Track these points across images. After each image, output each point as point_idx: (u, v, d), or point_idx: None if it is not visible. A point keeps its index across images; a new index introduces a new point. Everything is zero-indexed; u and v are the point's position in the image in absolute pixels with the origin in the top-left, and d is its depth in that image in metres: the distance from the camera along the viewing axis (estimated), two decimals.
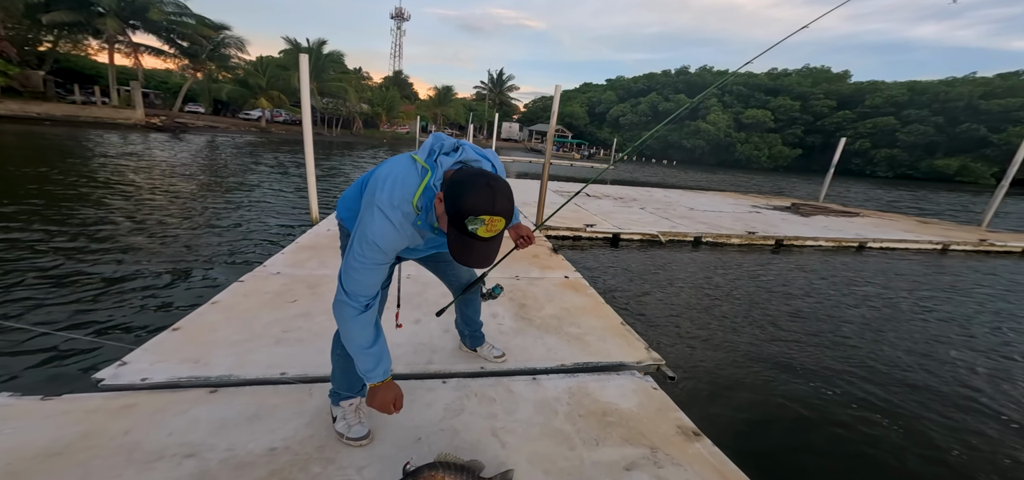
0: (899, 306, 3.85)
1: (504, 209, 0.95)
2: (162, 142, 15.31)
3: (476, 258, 0.98)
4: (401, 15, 78.33)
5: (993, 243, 6.54)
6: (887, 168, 40.97)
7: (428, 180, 1.05)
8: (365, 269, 1.07)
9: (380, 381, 1.16)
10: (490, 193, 0.93)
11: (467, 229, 0.93)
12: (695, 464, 1.44)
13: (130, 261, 3.49)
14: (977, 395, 2.43)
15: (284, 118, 36.22)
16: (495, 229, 0.95)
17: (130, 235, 4.21)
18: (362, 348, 1.13)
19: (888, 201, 15.83)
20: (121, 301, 2.76)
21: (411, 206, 1.05)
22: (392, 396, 1.18)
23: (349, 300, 1.08)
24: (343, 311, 1.10)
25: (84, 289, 2.88)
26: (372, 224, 1.04)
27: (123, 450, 1.19)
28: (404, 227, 1.06)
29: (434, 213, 1.07)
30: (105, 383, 1.56)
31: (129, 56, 24.18)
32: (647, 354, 2.15)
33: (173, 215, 5.17)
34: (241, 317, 2.13)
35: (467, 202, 0.92)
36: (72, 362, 2.06)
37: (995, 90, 37.41)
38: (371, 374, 1.15)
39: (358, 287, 1.08)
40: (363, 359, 1.14)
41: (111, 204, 5.43)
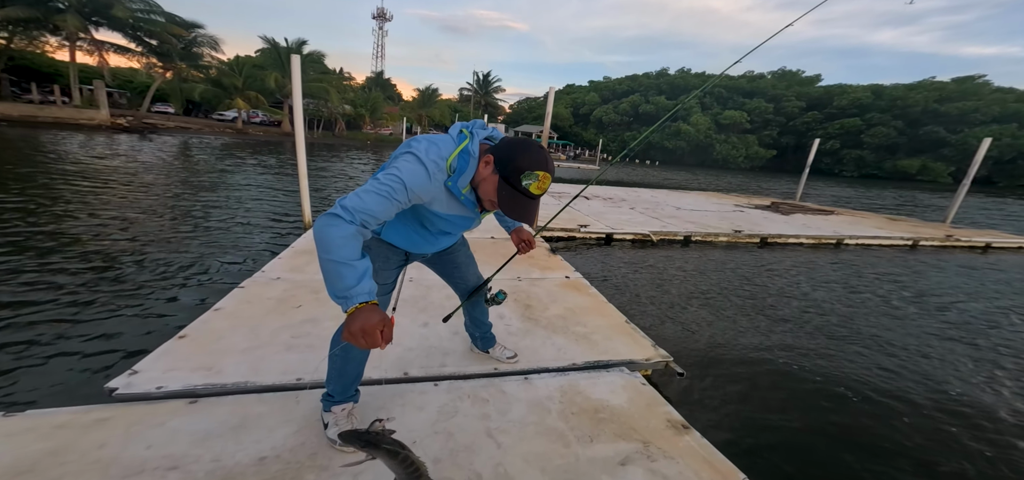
0: (882, 299, 4.04)
1: (553, 170, 1.06)
2: (131, 144, 14.59)
3: (527, 213, 1.06)
4: (383, 16, 77.33)
5: (958, 238, 6.94)
6: (854, 168, 43.00)
7: (465, 146, 1.10)
8: (378, 195, 0.99)
9: (364, 302, 0.95)
10: (543, 153, 1.05)
11: (521, 184, 1.03)
12: (686, 456, 1.47)
13: (114, 268, 3.33)
14: (971, 389, 2.56)
15: (261, 119, 35.11)
16: (544, 187, 1.05)
17: (111, 240, 4.00)
18: (348, 258, 0.94)
19: (860, 199, 16.61)
20: (114, 308, 2.64)
21: (445, 163, 1.08)
22: (378, 320, 0.93)
23: (342, 213, 0.96)
24: (330, 220, 0.95)
25: (73, 296, 2.74)
26: (405, 164, 1.03)
27: (98, 466, 1.12)
28: (436, 178, 1.07)
29: (468, 177, 1.10)
30: (119, 393, 1.50)
31: (92, 54, 22.94)
32: (654, 351, 2.18)
33: (154, 220, 4.93)
34: (247, 324, 2.07)
35: (523, 160, 1.02)
36: (74, 373, 1.97)
37: (951, 95, 39.83)
38: (354, 290, 0.94)
39: (360, 206, 0.97)
40: (346, 272, 0.93)
41: (81, 208, 5.14)
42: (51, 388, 1.84)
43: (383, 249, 1.34)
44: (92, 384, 1.87)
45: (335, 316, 2.26)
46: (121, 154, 11.35)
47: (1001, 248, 7.02)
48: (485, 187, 1.10)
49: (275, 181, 9.18)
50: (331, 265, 0.94)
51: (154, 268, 3.41)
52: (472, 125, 1.15)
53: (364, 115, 39.08)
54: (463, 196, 1.13)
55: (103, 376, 1.89)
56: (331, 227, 0.95)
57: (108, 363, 2.03)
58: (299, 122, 3.94)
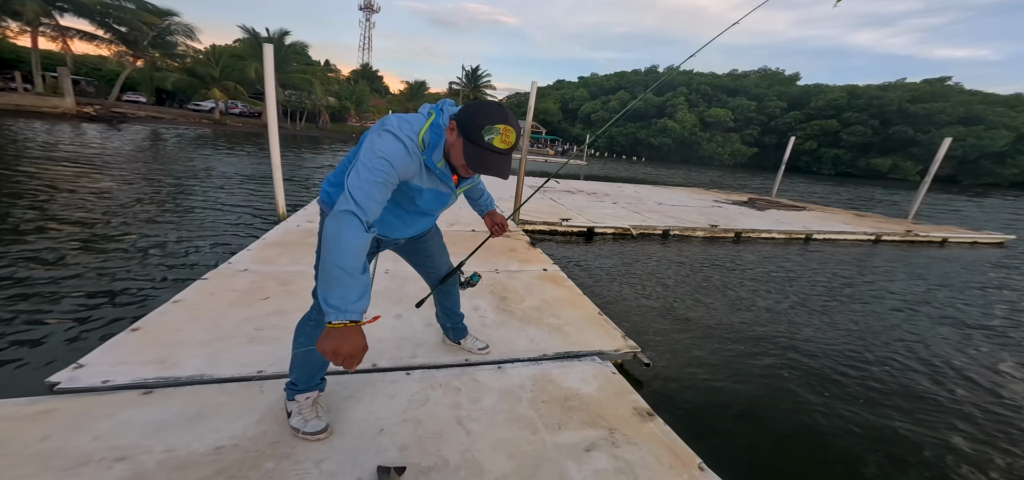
0: (842, 291, 4.21)
1: (515, 124, 1.06)
2: (97, 133, 13.91)
3: (493, 167, 1.06)
4: (370, 7, 75.54)
5: (917, 234, 7.28)
6: (831, 166, 44.50)
7: (433, 119, 1.12)
8: (375, 183, 0.98)
9: (358, 321, 0.95)
10: (502, 109, 1.06)
11: (483, 139, 1.02)
12: (648, 443, 1.50)
13: (70, 260, 3.17)
14: (923, 375, 2.70)
15: (240, 110, 33.97)
16: (508, 140, 1.05)
17: (66, 230, 3.81)
18: (357, 269, 0.93)
19: (832, 196, 17.23)
20: (65, 302, 2.51)
21: (418, 138, 1.09)
22: (364, 345, 0.96)
23: (358, 210, 0.94)
24: (348, 221, 0.93)
25: (21, 289, 2.60)
26: (383, 142, 1.03)
27: (38, 457, 1.08)
28: (413, 152, 1.08)
29: (441, 151, 1.11)
30: (61, 387, 1.43)
31: (56, 41, 21.70)
32: (624, 342, 2.21)
33: (115, 210, 4.72)
34: (208, 316, 2.00)
35: (482, 116, 1.03)
36: (15, 366, 1.87)
37: (922, 95, 41.56)
38: (354, 306, 0.93)
39: (367, 200, 0.96)
40: (352, 285, 0.92)
41: (41, 198, 4.88)
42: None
43: None
44: (35, 379, 1.78)
45: (303, 308, 2.21)
46: (87, 143, 10.82)
47: (957, 243, 7.40)
48: (454, 153, 1.10)
49: (252, 173, 8.91)
50: (339, 272, 0.92)
51: (110, 260, 3.26)
52: (441, 104, 1.16)
53: (350, 108, 38.26)
54: (438, 170, 1.15)
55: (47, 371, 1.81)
56: (349, 231, 0.93)
57: (53, 357, 1.93)
58: (272, 112, 3.83)
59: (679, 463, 1.40)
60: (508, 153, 1.06)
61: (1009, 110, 38.65)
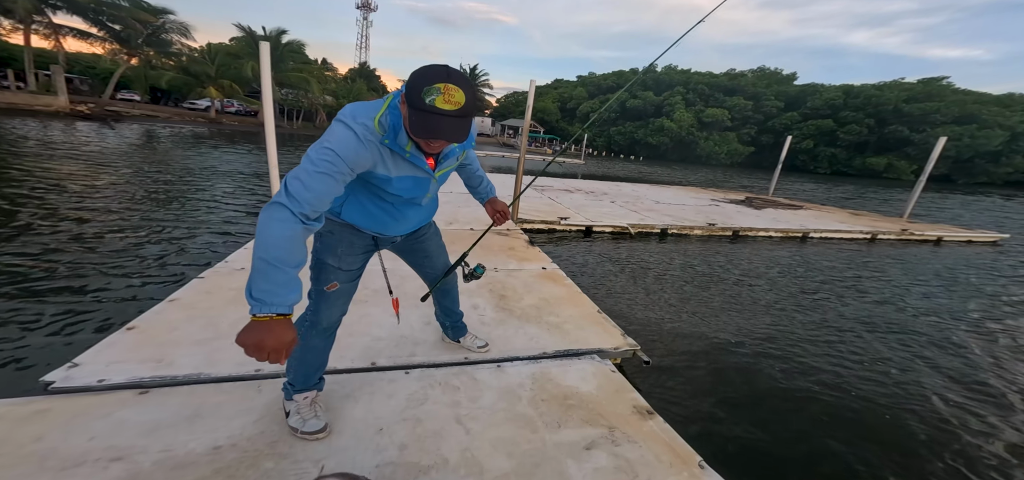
0: (839, 290, 4.23)
1: (460, 82, 0.95)
2: (92, 132, 13.79)
3: (439, 131, 0.95)
4: (368, 5, 75.09)
5: (912, 232, 7.33)
6: (828, 165, 44.71)
7: (391, 101, 1.05)
8: (316, 174, 0.93)
9: (282, 314, 0.88)
10: (445, 68, 0.95)
11: (425, 102, 0.92)
12: (648, 441, 1.50)
13: (64, 259, 3.15)
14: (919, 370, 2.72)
15: (236, 109, 33.76)
16: (453, 99, 0.94)
17: (59, 229, 3.77)
18: (281, 262, 0.87)
19: (836, 197, 17.34)
20: (59, 300, 2.49)
21: (373, 123, 1.02)
22: (291, 339, 0.89)
23: (288, 201, 0.90)
24: (276, 212, 0.89)
25: (14, 286, 2.58)
26: (333, 134, 0.99)
27: (33, 457, 1.06)
28: (368, 141, 1.01)
29: (404, 133, 1.04)
30: (56, 386, 1.41)
31: (49, 38, 21.46)
32: (623, 340, 2.21)
33: (113, 210, 4.68)
34: (204, 315, 1.98)
35: (422, 77, 0.93)
36: (7, 365, 1.85)
37: (917, 95, 41.81)
38: (276, 299, 0.87)
39: (304, 192, 0.92)
40: (276, 276, 0.87)
41: (34, 197, 4.82)
42: None
43: (347, 233, 1.29)
44: (29, 378, 1.77)
45: (301, 306, 2.20)
46: (81, 142, 10.71)
47: (952, 241, 7.46)
48: (408, 126, 1.01)
49: (248, 171, 8.86)
50: (262, 264, 0.86)
51: (105, 259, 3.24)
52: (405, 86, 1.12)
53: None
54: (409, 153, 1.08)
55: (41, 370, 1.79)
56: (276, 223, 0.88)
57: (47, 357, 1.91)
58: (268, 111, 3.80)
59: (679, 461, 1.40)
60: (456, 115, 0.95)
61: (1003, 109, 38.95)
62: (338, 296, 1.33)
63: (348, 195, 1.23)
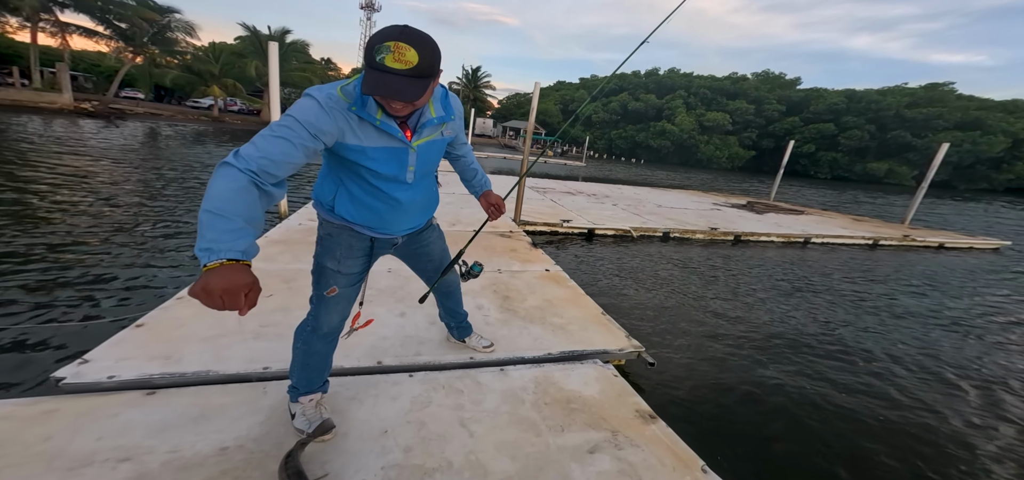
0: (843, 297, 4.23)
1: (414, 40, 0.93)
2: (95, 129, 13.84)
3: (389, 89, 0.93)
4: (371, 6, 75.41)
5: (914, 238, 7.32)
6: (829, 170, 44.69)
7: (360, 74, 1.03)
8: (270, 137, 0.93)
9: (233, 259, 0.82)
10: (401, 28, 0.94)
11: (375, 60, 0.91)
12: (651, 445, 1.50)
13: (71, 255, 3.17)
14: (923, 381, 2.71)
15: (239, 108, 33.87)
16: (404, 59, 0.92)
17: (66, 225, 3.79)
18: (227, 213, 0.83)
19: (833, 201, 17.33)
20: (69, 299, 2.51)
21: (337, 91, 1.03)
22: (246, 282, 0.82)
23: (235, 159, 0.88)
24: (222, 169, 0.87)
25: (24, 279, 2.60)
26: (296, 104, 1.00)
27: (42, 458, 1.07)
28: (331, 108, 1.01)
29: (372, 101, 1.04)
30: (67, 383, 1.42)
31: (55, 36, 21.57)
32: (627, 342, 2.21)
33: (120, 206, 4.70)
34: (211, 312, 1.95)
35: (377, 36, 0.93)
36: (17, 360, 1.86)
37: (919, 100, 41.80)
38: (221, 245, 0.81)
39: (254, 152, 0.90)
40: (218, 223, 0.82)
41: (39, 195, 4.85)
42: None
43: (345, 236, 1.28)
44: (39, 373, 1.78)
45: (306, 305, 2.21)
46: (85, 140, 10.76)
47: (954, 247, 7.45)
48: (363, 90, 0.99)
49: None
50: (207, 217, 0.82)
51: (113, 256, 3.26)
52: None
53: None
54: (379, 121, 1.06)
55: (47, 366, 1.81)
56: (219, 178, 0.86)
57: (59, 356, 1.93)
58: (276, 111, 3.84)
59: (681, 465, 1.40)
60: (409, 75, 0.93)
61: (1007, 115, 38.89)
62: (337, 301, 1.33)
63: (337, 187, 1.21)
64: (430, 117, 1.16)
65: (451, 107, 1.24)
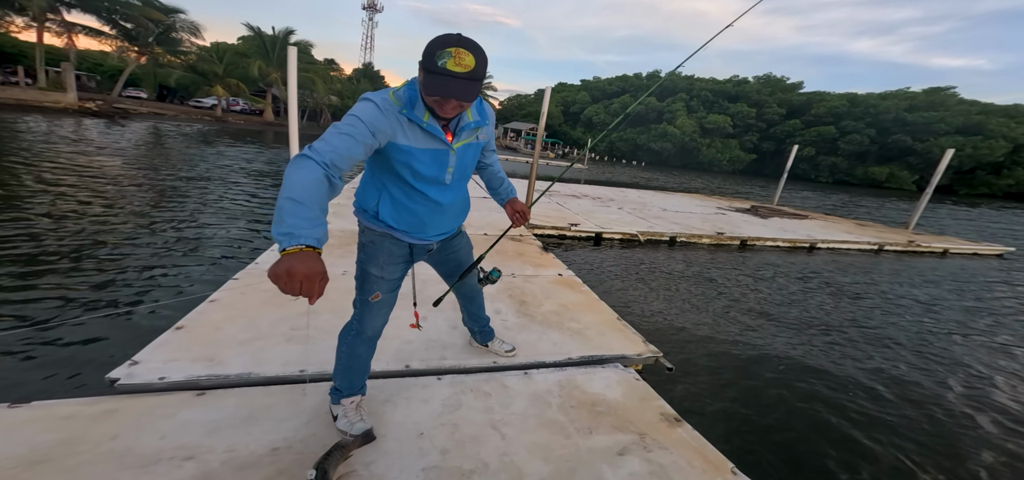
0: (856, 298, 4.28)
1: (471, 47, 1.04)
2: (101, 129, 13.90)
3: (452, 90, 1.03)
4: (373, 6, 75.61)
5: (919, 244, 7.38)
6: (829, 174, 44.76)
7: (408, 81, 1.17)
8: (340, 134, 1.03)
9: (311, 246, 0.89)
10: (458, 36, 1.05)
11: (437, 65, 1.02)
12: (679, 448, 1.56)
13: (106, 260, 3.25)
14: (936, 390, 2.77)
15: (242, 107, 33.99)
16: (463, 63, 1.02)
17: (92, 229, 3.85)
18: (306, 199, 0.91)
19: (831, 205, 17.39)
20: (101, 300, 2.58)
21: (390, 96, 1.13)
22: (321, 270, 0.89)
23: (311, 152, 0.98)
24: (299, 161, 0.96)
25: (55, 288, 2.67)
26: (356, 106, 1.10)
27: (113, 455, 1.13)
28: (387, 110, 1.11)
29: (421, 103, 1.14)
30: (121, 384, 1.48)
31: (61, 36, 21.68)
32: (645, 347, 2.27)
33: (138, 209, 4.77)
34: (244, 315, 2.07)
35: (435, 44, 1.03)
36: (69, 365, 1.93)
37: (919, 103, 41.89)
38: (303, 231, 0.89)
39: (326, 147, 1.00)
40: (300, 211, 0.90)
41: (53, 195, 4.91)
42: (45, 380, 1.81)
43: (387, 243, 1.35)
44: (87, 375, 1.84)
45: (333, 309, 2.27)
46: (93, 140, 10.81)
47: (958, 253, 7.51)
48: (424, 94, 1.10)
49: (261, 170, 8.95)
50: (289, 203, 0.89)
51: (142, 259, 3.33)
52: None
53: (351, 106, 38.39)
54: (425, 123, 1.15)
55: (96, 367, 1.87)
56: (299, 169, 0.94)
57: (100, 355, 2.00)
58: (293, 114, 3.90)
59: (712, 467, 1.46)
60: (467, 78, 1.03)
61: (1009, 120, 38.96)
62: (381, 306, 1.40)
63: (380, 193, 1.28)
64: (468, 121, 1.25)
65: (486, 112, 1.33)
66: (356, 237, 1.44)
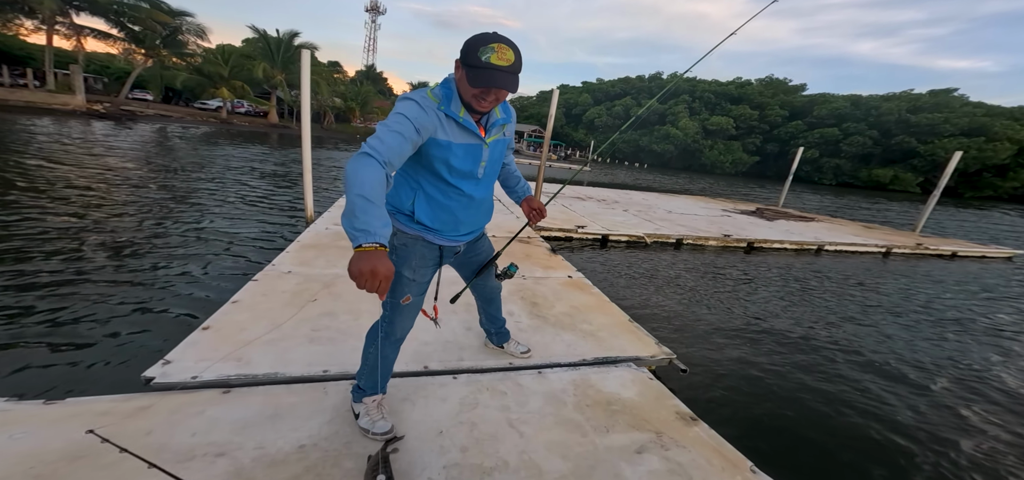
0: (861, 301, 4.28)
1: (510, 43, 1.12)
2: (110, 131, 14.05)
3: (498, 81, 1.11)
4: (376, 9, 76.07)
5: (928, 247, 7.35)
6: (832, 176, 44.56)
7: (442, 80, 1.25)
8: (389, 132, 1.09)
9: (382, 245, 0.98)
10: (494, 33, 1.14)
11: (482, 60, 1.10)
12: (696, 446, 1.57)
13: (129, 260, 3.33)
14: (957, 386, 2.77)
15: (246, 109, 34.24)
16: (505, 57, 1.11)
17: (111, 229, 3.91)
18: (376, 198, 0.99)
19: (835, 207, 17.33)
20: (124, 299, 2.65)
21: (428, 94, 1.20)
22: (391, 268, 0.97)
23: (371, 151, 1.04)
24: (364, 160, 1.02)
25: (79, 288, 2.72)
26: (400, 104, 1.17)
27: (149, 451, 1.16)
28: (427, 107, 1.17)
29: (458, 101, 1.21)
30: (156, 382, 1.52)
31: (70, 39, 21.93)
32: (658, 348, 2.28)
33: (148, 210, 4.83)
34: (266, 316, 2.11)
35: (477, 40, 1.12)
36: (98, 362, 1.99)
37: (923, 105, 41.71)
38: (377, 229, 0.97)
39: (382, 146, 1.06)
40: (373, 211, 0.98)
41: (64, 199, 4.98)
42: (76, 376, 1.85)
43: (419, 246, 1.38)
44: (117, 373, 1.89)
45: (350, 310, 2.30)
46: (109, 144, 10.93)
47: (966, 256, 7.47)
48: (462, 87, 1.18)
49: (271, 171, 9.02)
50: (360, 201, 0.97)
51: (160, 259, 3.39)
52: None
53: (354, 108, 38.56)
54: (462, 118, 1.22)
55: (126, 366, 1.93)
56: (366, 167, 1.02)
57: (132, 354, 2.05)
58: (306, 117, 3.96)
59: (730, 466, 1.47)
60: (509, 71, 1.12)
61: (1014, 122, 38.71)
62: (411, 308, 1.43)
63: (416, 192, 1.31)
64: (497, 118, 1.32)
65: (510, 111, 1.39)
66: None
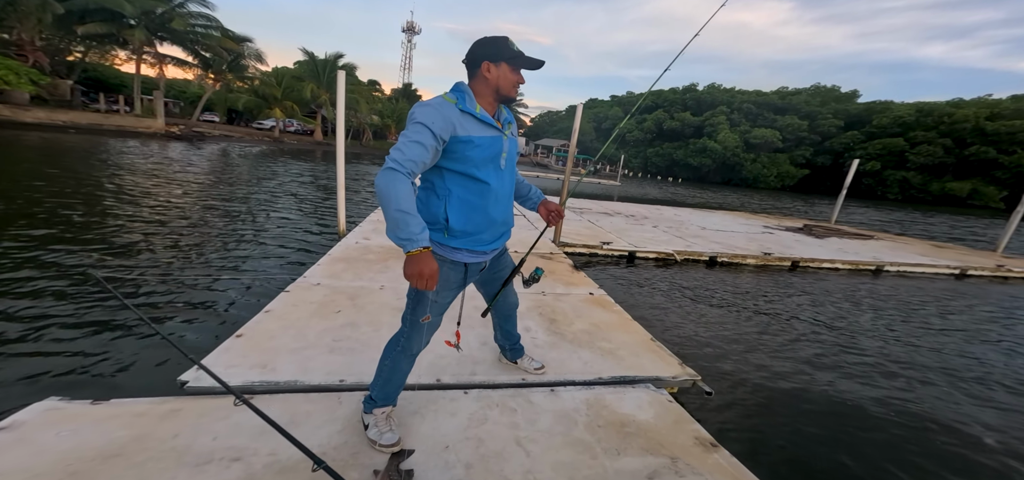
0: (921, 327, 3.82)
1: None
2: (183, 150, 15.75)
3: (529, 64, 1.32)
4: (412, 28, 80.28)
5: (1010, 269, 6.45)
6: (898, 190, 40.44)
7: (455, 85, 1.36)
8: (410, 142, 1.18)
9: (427, 248, 1.18)
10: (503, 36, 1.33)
11: (515, 49, 1.29)
12: (715, 474, 1.46)
13: (176, 271, 3.66)
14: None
15: (296, 128, 37.08)
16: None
17: (163, 241, 4.37)
18: (411, 208, 1.15)
19: (900, 223, 15.69)
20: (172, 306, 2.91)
21: (443, 98, 1.30)
22: (432, 268, 1.18)
23: (396, 165, 1.15)
24: (391, 175, 1.14)
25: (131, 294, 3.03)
26: (416, 112, 1.24)
27: (174, 453, 1.26)
28: (443, 109, 1.25)
29: (473, 98, 1.31)
30: (190, 386, 1.63)
31: (154, 66, 25.10)
32: (681, 369, 2.18)
33: (206, 223, 5.36)
34: (294, 325, 2.22)
35: (496, 40, 1.29)
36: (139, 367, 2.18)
37: (1002, 111, 37.08)
38: (419, 235, 1.15)
39: (404, 157, 1.16)
40: (412, 221, 1.14)
41: (136, 212, 5.62)
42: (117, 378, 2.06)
43: (445, 268, 1.39)
44: (155, 374, 2.07)
45: (370, 322, 2.38)
46: (184, 162, 12.27)
47: None
48: (503, 81, 1.32)
49: (311, 189, 9.67)
50: (399, 214, 1.13)
51: (213, 270, 3.70)
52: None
53: (391, 125, 40.57)
54: (479, 111, 1.30)
55: (164, 369, 2.10)
56: (396, 182, 1.14)
57: (168, 357, 2.23)
58: (341, 134, 4.20)
59: None
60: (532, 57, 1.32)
61: None
62: (430, 328, 1.47)
63: (445, 199, 1.33)
64: (504, 116, 1.44)
65: (511, 114, 1.50)
66: (394, 253, 1.54)
